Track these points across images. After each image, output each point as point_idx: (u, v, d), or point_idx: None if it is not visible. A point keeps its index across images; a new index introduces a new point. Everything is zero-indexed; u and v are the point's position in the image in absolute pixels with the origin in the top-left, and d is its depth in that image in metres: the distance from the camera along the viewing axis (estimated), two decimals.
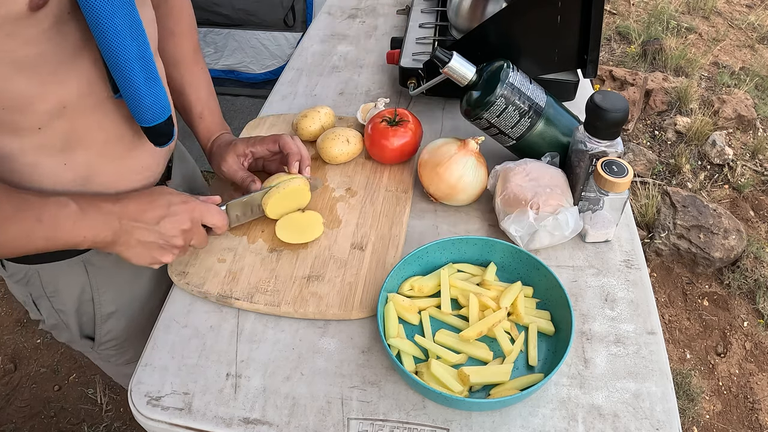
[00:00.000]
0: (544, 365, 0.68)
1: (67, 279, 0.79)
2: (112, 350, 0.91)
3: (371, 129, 0.91)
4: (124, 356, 0.93)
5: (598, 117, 0.76)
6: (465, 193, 0.84)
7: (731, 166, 2.48)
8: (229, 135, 0.90)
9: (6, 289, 2.03)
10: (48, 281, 0.79)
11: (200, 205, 0.72)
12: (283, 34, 2.55)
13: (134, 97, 0.63)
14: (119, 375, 1.04)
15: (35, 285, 0.79)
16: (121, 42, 0.57)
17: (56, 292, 0.80)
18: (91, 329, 0.87)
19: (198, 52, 0.89)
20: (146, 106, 0.64)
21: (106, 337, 0.88)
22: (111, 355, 0.92)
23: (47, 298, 0.81)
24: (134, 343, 0.91)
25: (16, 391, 1.75)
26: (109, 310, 0.85)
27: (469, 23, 1.09)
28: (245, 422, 0.63)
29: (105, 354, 0.92)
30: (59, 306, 0.82)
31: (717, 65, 3.08)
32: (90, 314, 0.84)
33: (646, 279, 0.78)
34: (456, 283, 0.74)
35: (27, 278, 0.79)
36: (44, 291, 0.80)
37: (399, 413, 0.64)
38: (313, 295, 0.74)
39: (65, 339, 0.89)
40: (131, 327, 0.89)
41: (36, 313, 0.85)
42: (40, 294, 0.81)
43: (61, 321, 0.85)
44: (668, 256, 2.13)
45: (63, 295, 0.81)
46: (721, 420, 1.73)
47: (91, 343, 0.89)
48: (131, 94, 0.62)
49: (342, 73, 1.21)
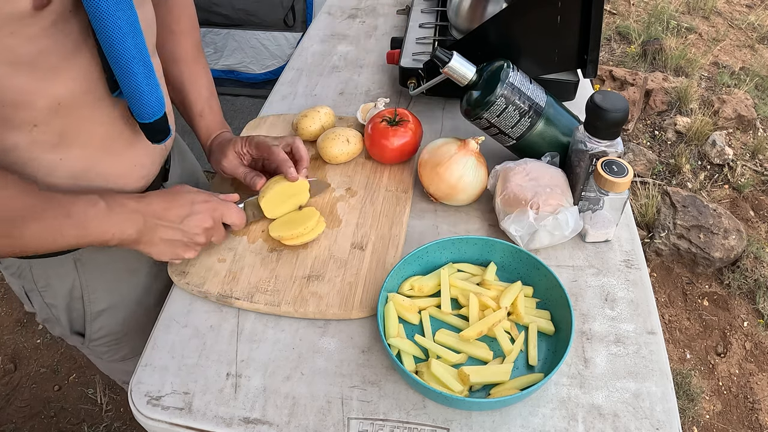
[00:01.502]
0: (544, 365, 0.68)
1: (57, 275, 0.80)
2: (104, 347, 0.91)
3: (371, 129, 0.91)
4: (118, 353, 0.93)
5: (598, 117, 0.76)
6: (465, 193, 0.84)
7: (731, 166, 2.48)
8: (229, 134, 0.91)
9: (6, 290, 2.03)
10: (39, 275, 0.80)
11: (221, 204, 0.75)
12: (283, 34, 2.55)
13: (135, 93, 0.63)
14: (113, 371, 1.04)
15: (27, 278, 0.80)
16: (123, 39, 0.58)
17: (47, 286, 0.81)
18: (81, 326, 0.87)
19: (199, 51, 0.89)
20: (146, 103, 0.65)
21: (97, 334, 0.88)
22: (103, 351, 0.92)
23: (38, 293, 0.82)
24: (129, 341, 0.92)
25: (16, 391, 1.75)
26: (99, 308, 0.85)
27: (469, 23, 1.09)
28: (245, 422, 0.64)
29: (96, 350, 0.92)
30: (50, 300, 0.83)
31: (717, 65, 3.08)
32: (80, 311, 0.85)
33: (646, 279, 0.78)
34: (456, 282, 0.74)
35: (20, 271, 0.80)
36: (36, 285, 0.81)
37: (399, 413, 0.64)
38: (313, 294, 0.74)
39: (58, 333, 0.90)
40: (126, 324, 0.89)
41: (29, 306, 0.86)
42: (32, 287, 0.82)
43: (52, 315, 0.85)
44: (668, 256, 2.13)
45: (54, 290, 0.81)
46: (721, 420, 1.73)
47: (81, 339, 0.89)
48: (132, 91, 0.63)
49: (342, 73, 1.21)
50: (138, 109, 0.66)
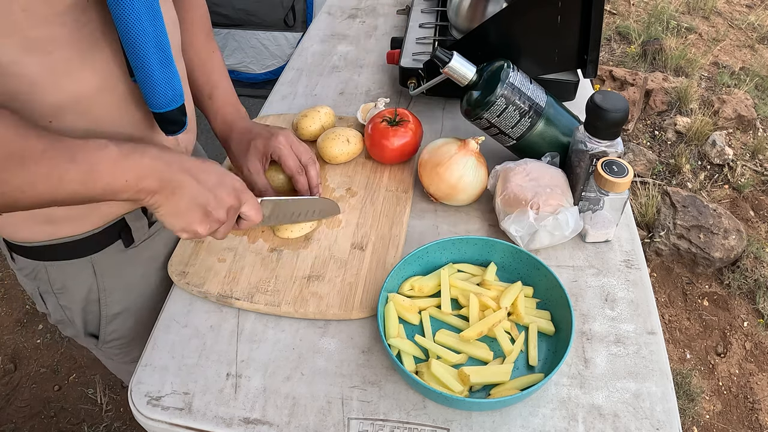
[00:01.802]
0: (544, 365, 0.68)
1: (74, 278, 0.79)
2: (116, 349, 0.91)
3: (371, 129, 0.91)
4: (129, 355, 0.93)
5: (598, 117, 0.76)
6: (465, 193, 0.84)
7: (731, 166, 2.48)
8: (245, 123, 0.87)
9: (6, 290, 2.03)
10: (55, 278, 0.79)
11: (248, 192, 0.69)
12: (283, 34, 2.55)
13: (148, 80, 0.62)
14: (122, 372, 1.04)
15: (43, 280, 0.79)
16: (140, 24, 0.57)
17: (63, 289, 0.80)
18: (96, 328, 0.87)
19: (210, 39, 0.88)
20: (159, 91, 0.63)
21: (111, 336, 0.88)
22: (115, 353, 0.92)
23: (54, 294, 0.81)
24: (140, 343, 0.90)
25: (16, 391, 1.75)
26: (115, 311, 0.85)
27: (469, 23, 1.09)
28: (245, 422, 0.63)
29: (109, 352, 0.92)
30: (65, 303, 0.82)
31: (717, 65, 3.08)
32: (95, 313, 0.84)
33: (646, 279, 0.78)
34: (456, 283, 0.74)
35: (35, 273, 0.79)
36: (51, 287, 0.80)
37: (399, 413, 0.64)
38: (314, 295, 0.74)
39: (70, 334, 0.89)
40: (137, 327, 0.89)
41: (42, 306, 0.86)
42: (47, 289, 0.81)
43: (66, 317, 0.85)
44: (668, 256, 2.13)
45: (70, 293, 0.81)
46: (721, 420, 1.73)
47: (95, 341, 0.89)
48: (144, 77, 0.61)
49: (342, 73, 1.21)
50: (151, 96, 0.63)
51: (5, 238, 0.77)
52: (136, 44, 0.58)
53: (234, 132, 0.85)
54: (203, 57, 0.86)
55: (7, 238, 0.76)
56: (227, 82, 0.89)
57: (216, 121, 0.87)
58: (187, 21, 0.83)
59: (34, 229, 0.73)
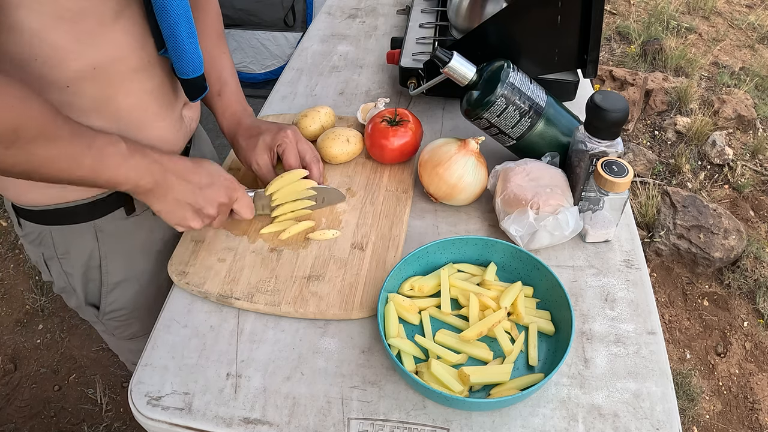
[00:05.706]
0: (544, 365, 0.68)
1: (77, 242, 0.82)
2: (116, 321, 0.92)
3: (371, 129, 0.91)
4: (128, 329, 0.95)
5: (598, 117, 0.76)
6: (465, 193, 0.84)
7: (731, 166, 2.48)
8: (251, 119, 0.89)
9: (6, 290, 2.03)
10: (60, 242, 0.81)
11: (240, 190, 0.77)
12: (283, 34, 2.55)
13: (179, 49, 0.68)
14: (122, 350, 1.05)
15: (48, 245, 0.82)
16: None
17: (66, 253, 0.83)
18: (97, 298, 0.88)
19: (222, 40, 0.90)
20: (188, 59, 0.70)
21: (111, 306, 0.89)
22: (115, 327, 0.93)
23: (58, 260, 0.83)
24: (140, 317, 0.93)
25: (16, 391, 1.75)
26: (116, 279, 0.86)
27: (469, 23, 1.09)
28: (245, 422, 0.64)
29: (109, 325, 0.93)
30: (68, 269, 0.84)
31: (717, 65, 3.08)
32: (96, 281, 0.86)
33: (646, 279, 0.78)
34: (456, 283, 0.74)
35: (40, 238, 0.81)
36: (56, 252, 0.82)
37: (399, 413, 0.64)
38: (314, 295, 0.74)
39: (74, 305, 0.91)
40: (137, 299, 0.90)
41: (47, 275, 0.88)
42: (51, 255, 0.83)
43: (69, 284, 0.86)
44: (668, 256, 2.13)
45: (72, 257, 0.83)
46: (721, 420, 1.73)
47: (96, 311, 0.91)
48: (175, 46, 0.68)
49: (342, 73, 1.21)
50: (181, 65, 0.70)
51: (13, 201, 0.79)
52: (171, 16, 0.65)
53: (242, 128, 0.87)
54: (214, 56, 0.88)
55: (14, 202, 0.79)
56: (236, 81, 0.91)
57: (224, 117, 0.89)
58: (200, 21, 0.85)
59: (41, 192, 0.75)
